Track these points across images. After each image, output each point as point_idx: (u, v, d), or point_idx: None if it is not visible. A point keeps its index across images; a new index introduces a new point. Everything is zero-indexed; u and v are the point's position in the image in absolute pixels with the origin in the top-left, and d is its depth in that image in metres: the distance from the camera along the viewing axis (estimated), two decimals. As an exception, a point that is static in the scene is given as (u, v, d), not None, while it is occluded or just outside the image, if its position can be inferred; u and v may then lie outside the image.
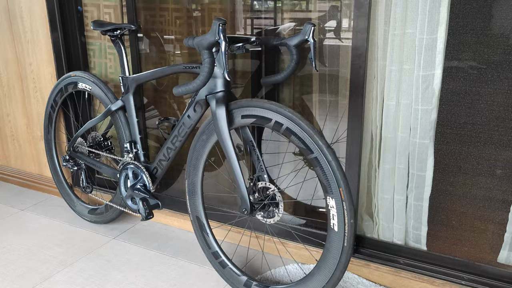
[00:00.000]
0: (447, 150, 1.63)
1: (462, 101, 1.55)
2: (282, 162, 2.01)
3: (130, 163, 1.94)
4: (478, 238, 1.67)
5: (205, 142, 1.70)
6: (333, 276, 1.41)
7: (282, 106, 1.45)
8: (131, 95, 1.94)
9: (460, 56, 1.53)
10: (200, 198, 1.78)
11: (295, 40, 1.63)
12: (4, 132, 2.73)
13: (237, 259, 1.95)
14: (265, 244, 1.99)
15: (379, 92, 1.69)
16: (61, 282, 1.82)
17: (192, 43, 1.39)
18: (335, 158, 1.36)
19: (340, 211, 1.37)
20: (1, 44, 2.51)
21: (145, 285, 1.79)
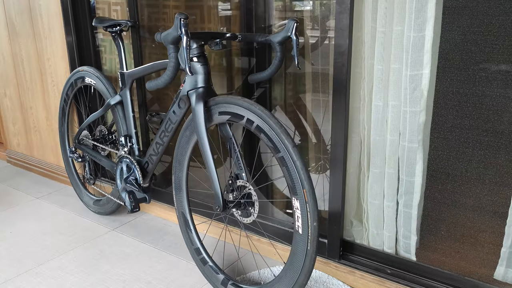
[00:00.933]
0: (435, 155, 1.53)
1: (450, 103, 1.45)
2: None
3: (125, 156, 1.98)
4: (469, 251, 1.56)
5: (189, 138, 1.70)
6: (298, 281, 1.37)
7: (253, 104, 1.42)
8: (128, 90, 1.98)
9: (447, 55, 1.43)
10: (185, 194, 1.79)
11: (278, 37, 1.59)
12: (28, 123, 2.88)
13: (226, 257, 1.94)
14: (253, 244, 1.97)
15: (367, 92, 1.62)
16: (53, 268, 1.89)
17: (160, 38, 1.39)
18: (300, 158, 1.32)
19: (304, 213, 1.32)
20: (24, 40, 2.65)
21: (129, 276, 1.82)
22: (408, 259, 1.67)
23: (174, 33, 1.33)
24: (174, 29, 1.33)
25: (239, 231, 2.03)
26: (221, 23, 1.96)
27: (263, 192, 2.05)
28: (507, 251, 1.50)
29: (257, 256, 1.94)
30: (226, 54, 1.98)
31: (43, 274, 1.85)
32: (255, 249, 1.97)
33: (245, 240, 2.00)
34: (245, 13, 1.81)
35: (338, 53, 1.55)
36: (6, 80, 2.90)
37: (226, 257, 1.95)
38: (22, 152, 3.04)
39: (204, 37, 1.53)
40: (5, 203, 2.54)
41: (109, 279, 1.81)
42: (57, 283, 1.79)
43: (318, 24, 1.76)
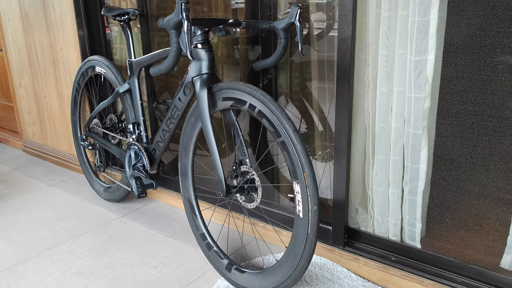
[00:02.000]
0: (440, 142, 1.52)
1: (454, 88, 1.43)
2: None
3: (133, 143, 2.01)
4: (474, 239, 1.54)
5: (194, 125, 1.72)
6: (299, 265, 1.37)
7: (255, 89, 1.43)
8: (136, 78, 2.01)
9: (452, 40, 1.41)
10: (191, 180, 1.81)
11: (282, 23, 1.60)
12: (42, 113, 2.94)
13: (232, 244, 1.96)
14: (259, 231, 1.98)
15: (371, 78, 1.61)
16: (63, 252, 1.93)
17: (162, 23, 1.41)
18: (301, 142, 1.32)
19: (305, 197, 1.32)
20: (38, 31, 2.70)
21: (136, 261, 1.85)
22: (413, 246, 1.66)
23: (176, 18, 1.34)
24: (175, 14, 1.34)
25: (244, 218, 2.04)
26: (230, 13, 1.97)
27: (268, 179, 2.05)
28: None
29: (262, 243, 1.95)
30: (232, 43, 1.99)
31: (52, 258, 1.89)
32: (259, 235, 1.98)
33: (250, 227, 2.01)
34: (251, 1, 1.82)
35: (341, 39, 1.54)
36: (22, 70, 2.96)
37: (231, 243, 1.96)
38: (37, 141, 3.10)
39: (208, 24, 1.54)
40: (19, 190, 2.60)
41: (116, 262, 1.84)
42: (66, 266, 1.83)
43: (323, 10, 1.75)
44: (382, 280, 1.66)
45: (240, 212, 2.07)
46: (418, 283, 1.57)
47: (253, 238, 2.00)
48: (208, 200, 2.18)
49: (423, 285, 1.56)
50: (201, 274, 1.76)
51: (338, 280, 1.69)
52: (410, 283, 1.59)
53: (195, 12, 2.08)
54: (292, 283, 1.42)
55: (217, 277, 1.73)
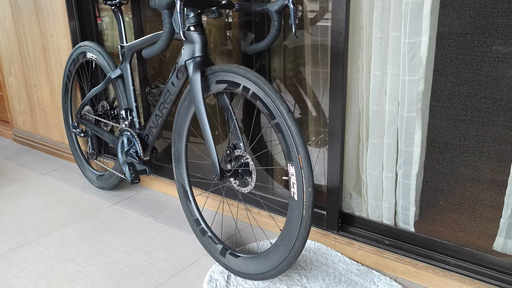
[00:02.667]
0: (434, 124, 1.52)
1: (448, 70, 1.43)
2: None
3: (125, 129, 1.99)
4: (468, 222, 1.55)
5: (187, 109, 1.70)
6: (294, 247, 1.37)
7: (249, 71, 1.41)
8: (128, 63, 1.98)
9: (446, 21, 1.40)
10: (184, 166, 1.79)
11: (275, 5, 1.58)
12: (33, 101, 2.90)
13: (226, 230, 1.95)
14: (253, 217, 1.98)
15: (365, 61, 1.60)
16: (56, 239, 1.92)
17: (154, 3, 1.39)
18: (295, 123, 1.31)
19: (299, 179, 1.32)
20: (27, 17, 2.65)
21: (130, 247, 1.84)
22: (406, 230, 1.67)
23: (168, -3, 1.33)
24: (168, -7, 1.33)
25: (238, 204, 2.03)
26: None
27: (263, 165, 2.05)
28: (506, 221, 1.49)
29: (256, 229, 1.95)
30: (225, 27, 1.97)
31: (45, 245, 1.87)
32: (254, 221, 1.98)
33: (245, 213, 2.01)
34: (244, -17, 1.80)
35: (335, 21, 1.53)
36: (11, 58, 2.92)
37: (226, 229, 1.96)
38: (27, 130, 3.07)
39: (200, 5, 1.52)
40: (10, 179, 2.57)
41: (109, 249, 1.83)
42: (59, 253, 1.81)
43: (317, -6, 1.73)
44: (376, 263, 1.66)
45: (234, 199, 2.06)
46: (412, 266, 1.58)
47: (248, 224, 2.00)
48: (202, 186, 2.17)
49: (417, 268, 1.57)
50: (195, 259, 1.75)
51: (333, 264, 1.69)
52: (404, 266, 1.60)
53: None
54: (287, 266, 1.41)
55: (212, 262, 1.73)
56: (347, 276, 1.62)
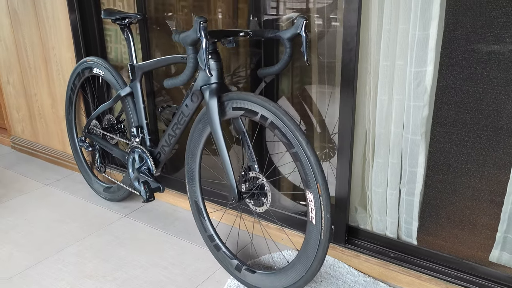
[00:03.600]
0: (437, 148, 1.62)
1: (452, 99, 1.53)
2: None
3: (137, 147, 2.04)
4: (467, 236, 1.67)
5: (202, 131, 1.77)
6: (311, 267, 1.47)
7: (267, 101, 1.49)
8: (138, 82, 2.03)
9: (451, 54, 1.50)
10: (198, 184, 1.87)
11: (288, 33, 1.65)
12: (33, 110, 2.91)
13: (231, 240, 2.04)
14: (262, 230, 2.07)
15: (372, 87, 1.69)
16: (71, 254, 1.98)
17: (178, 38, 1.45)
18: (314, 154, 1.40)
19: (318, 205, 1.41)
20: (28, 28, 2.66)
21: (146, 262, 1.91)
22: (409, 243, 1.79)
23: (193, 35, 1.38)
24: (193, 32, 1.38)
25: (248, 217, 2.12)
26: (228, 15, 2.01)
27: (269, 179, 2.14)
28: (502, 235, 1.62)
29: (266, 241, 2.04)
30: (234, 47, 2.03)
31: (63, 261, 1.93)
32: (264, 234, 2.07)
33: (254, 225, 2.10)
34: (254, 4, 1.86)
35: (346, 50, 1.61)
36: (9, 67, 2.91)
37: (235, 241, 2.04)
38: (27, 139, 3.08)
39: (217, 35, 1.59)
40: (15, 190, 2.60)
41: (126, 264, 1.90)
42: (77, 269, 1.87)
43: (324, 19, 1.81)
44: (382, 275, 1.78)
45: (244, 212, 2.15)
46: (416, 278, 1.70)
47: (256, 236, 2.09)
48: (216, 202, 2.24)
49: (421, 280, 1.69)
50: (210, 273, 1.84)
51: (341, 276, 1.80)
52: (408, 278, 1.72)
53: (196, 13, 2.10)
54: (304, 284, 1.51)
55: (227, 276, 1.82)
56: (355, 287, 1.73)
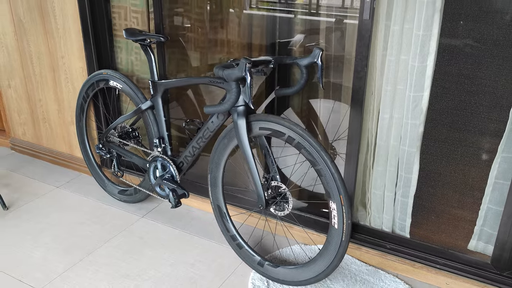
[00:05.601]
0: (431, 159, 1.94)
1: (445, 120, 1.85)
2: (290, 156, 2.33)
3: (159, 156, 2.24)
4: (452, 230, 2.02)
5: (226, 145, 2.00)
6: (332, 263, 1.76)
7: (295, 124, 1.74)
8: (160, 97, 2.22)
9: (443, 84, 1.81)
10: (221, 190, 2.10)
11: (305, 61, 1.89)
12: (36, 115, 3.01)
13: (251, 238, 2.30)
14: (276, 228, 2.34)
15: (375, 107, 1.98)
16: (103, 256, 2.17)
17: (222, 74, 1.66)
18: (337, 170, 1.67)
19: (340, 213, 1.70)
20: (34, 36, 2.74)
21: (173, 260, 2.14)
22: (403, 236, 2.12)
23: (239, 74, 1.61)
24: (239, 71, 1.60)
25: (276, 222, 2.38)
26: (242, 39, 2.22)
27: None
28: (479, 228, 1.98)
29: (276, 236, 2.31)
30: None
31: (96, 262, 2.13)
32: (286, 234, 2.35)
33: (270, 224, 2.37)
34: (270, 31, 2.09)
35: (356, 78, 1.89)
36: (11, 72, 2.98)
37: (256, 239, 2.31)
38: (28, 141, 3.17)
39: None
40: (28, 194, 2.73)
41: (157, 263, 2.12)
42: (113, 270, 2.08)
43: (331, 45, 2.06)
44: (380, 264, 2.10)
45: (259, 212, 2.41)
46: (411, 266, 2.03)
47: (269, 232, 2.36)
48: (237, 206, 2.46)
49: (414, 267, 2.03)
50: (234, 268, 2.10)
51: (347, 266, 2.11)
52: (403, 266, 2.05)
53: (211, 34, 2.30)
54: (325, 277, 1.81)
55: (249, 270, 2.08)
56: (360, 276, 2.05)
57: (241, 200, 2.43)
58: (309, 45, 2.14)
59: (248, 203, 2.41)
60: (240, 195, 2.43)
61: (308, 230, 2.24)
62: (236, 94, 1.66)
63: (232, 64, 1.73)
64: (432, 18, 1.74)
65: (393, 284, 2.00)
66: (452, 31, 1.73)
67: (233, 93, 1.66)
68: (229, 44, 2.27)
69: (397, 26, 1.81)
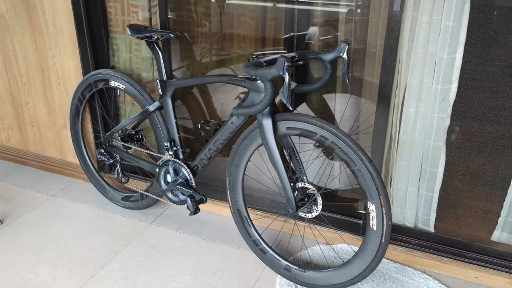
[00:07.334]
0: (458, 153, 1.91)
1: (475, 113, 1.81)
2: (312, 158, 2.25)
3: (171, 160, 2.11)
4: (477, 222, 1.99)
5: (248, 147, 1.89)
6: (370, 265, 1.70)
7: (327, 123, 1.66)
8: (169, 97, 2.08)
9: (475, 75, 1.76)
10: (241, 193, 2.00)
11: (330, 56, 1.80)
12: (23, 118, 2.80)
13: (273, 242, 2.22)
14: (298, 229, 2.26)
15: (400, 100, 1.92)
16: (117, 269, 2.04)
17: (255, 73, 1.55)
18: (376, 170, 1.61)
19: (379, 214, 1.63)
20: (19, 34, 2.53)
21: (193, 270, 2.03)
22: (427, 231, 2.08)
23: (276, 73, 1.50)
24: (276, 70, 1.49)
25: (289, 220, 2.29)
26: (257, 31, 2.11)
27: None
28: (502, 220, 1.96)
29: (298, 237, 2.24)
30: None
31: (111, 277, 1.99)
32: (317, 237, 2.27)
33: (286, 224, 2.29)
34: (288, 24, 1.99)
35: (384, 72, 1.82)
36: (-8, 74, 2.76)
37: (278, 242, 2.22)
38: (13, 147, 2.96)
39: (271, 62, 1.70)
40: (21, 205, 2.54)
41: (176, 274, 2.01)
42: (130, 283, 1.95)
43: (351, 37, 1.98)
44: (406, 260, 2.07)
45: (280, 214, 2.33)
46: (438, 261, 2.01)
47: (289, 234, 2.28)
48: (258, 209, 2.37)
49: (442, 262, 2.00)
50: (258, 274, 2.01)
51: (372, 264, 2.06)
52: (430, 261, 2.02)
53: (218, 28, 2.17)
54: (360, 279, 1.75)
55: (274, 275, 2.00)
56: (388, 274, 2.00)
57: (259, 202, 2.34)
58: (323, 38, 2.05)
59: (267, 205, 2.32)
60: (258, 197, 2.34)
61: (339, 232, 2.17)
62: (272, 94, 1.55)
63: (260, 62, 1.62)
64: (463, 8, 1.69)
65: (423, 280, 1.96)
66: (483, 21, 1.68)
67: (268, 93, 1.55)
68: (240, 38, 2.16)
69: (425, 17, 1.75)
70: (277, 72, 1.50)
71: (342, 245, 2.18)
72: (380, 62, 1.85)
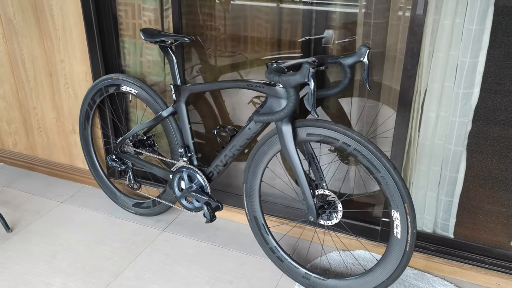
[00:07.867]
0: (480, 158, 1.87)
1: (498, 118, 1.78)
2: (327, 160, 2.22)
3: (185, 166, 2.07)
4: (497, 228, 1.96)
5: (265, 153, 1.86)
6: (394, 274, 1.67)
7: (349, 129, 1.62)
8: (183, 103, 2.04)
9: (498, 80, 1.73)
10: (258, 200, 1.96)
11: (350, 60, 1.77)
12: (30, 124, 2.76)
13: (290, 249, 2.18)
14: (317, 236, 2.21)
15: (420, 104, 1.89)
16: (131, 278, 2.00)
17: (278, 79, 1.51)
18: (400, 178, 1.57)
19: (404, 222, 1.60)
20: (27, 39, 2.49)
21: (209, 278, 1.99)
22: (446, 236, 2.05)
23: (301, 79, 1.46)
24: (301, 76, 1.46)
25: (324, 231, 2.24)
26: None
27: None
28: (524, 225, 1.93)
29: (317, 244, 2.20)
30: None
31: (126, 286, 1.95)
32: (318, 240, 2.23)
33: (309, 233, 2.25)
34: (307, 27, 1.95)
35: (406, 76, 1.79)
36: (0, 79, 2.71)
37: (306, 254, 2.18)
38: (20, 152, 2.91)
39: (292, 68, 1.67)
40: (30, 212, 2.49)
41: (192, 282, 1.97)
42: (145, 293, 1.91)
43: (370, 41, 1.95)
44: (426, 266, 2.03)
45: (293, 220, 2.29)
46: (459, 268, 1.97)
47: (301, 240, 2.24)
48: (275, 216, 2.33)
49: (463, 269, 1.97)
50: (275, 282, 1.97)
51: (391, 271, 2.02)
52: (451, 268, 1.99)
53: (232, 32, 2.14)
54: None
55: (292, 283, 1.96)
56: (408, 281, 1.97)
57: (274, 208, 2.30)
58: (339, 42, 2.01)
59: (283, 211, 2.29)
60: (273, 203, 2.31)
61: (359, 238, 2.13)
62: (295, 101, 1.52)
63: (282, 67, 1.58)
64: (486, 11, 1.66)
65: (443, 287, 1.93)
66: (508, 25, 1.65)
67: (292, 100, 1.51)
68: (257, 42, 2.12)
69: (447, 20, 1.72)
70: (302, 78, 1.46)
71: (359, 251, 2.15)
72: (400, 66, 1.82)
